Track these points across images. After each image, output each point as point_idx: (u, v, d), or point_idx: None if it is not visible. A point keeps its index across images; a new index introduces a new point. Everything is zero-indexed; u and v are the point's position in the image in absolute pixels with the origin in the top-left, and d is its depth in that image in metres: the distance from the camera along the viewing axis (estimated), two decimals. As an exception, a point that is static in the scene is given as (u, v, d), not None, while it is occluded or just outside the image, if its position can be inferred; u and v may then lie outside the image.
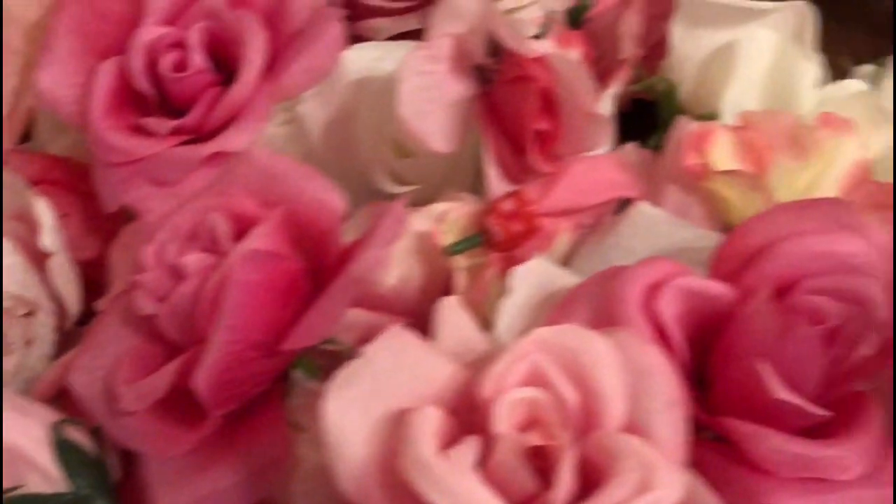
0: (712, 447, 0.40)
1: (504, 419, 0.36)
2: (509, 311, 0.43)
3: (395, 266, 0.48)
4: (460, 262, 0.48)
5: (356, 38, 0.62)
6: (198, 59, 0.52)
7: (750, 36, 0.53)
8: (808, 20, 0.54)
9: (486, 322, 0.45)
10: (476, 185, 0.53)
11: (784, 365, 0.39)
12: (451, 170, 0.56)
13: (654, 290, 0.41)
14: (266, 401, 0.44)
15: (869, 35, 0.64)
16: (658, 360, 0.39)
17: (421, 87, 0.50)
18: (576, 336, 0.39)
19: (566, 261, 0.49)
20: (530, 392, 0.37)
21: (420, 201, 0.52)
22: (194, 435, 0.43)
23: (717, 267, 0.42)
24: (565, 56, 0.50)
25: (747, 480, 0.39)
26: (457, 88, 0.51)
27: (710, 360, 0.42)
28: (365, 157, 0.57)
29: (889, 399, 0.40)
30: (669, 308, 0.40)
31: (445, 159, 0.55)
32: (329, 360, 0.44)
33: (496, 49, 0.52)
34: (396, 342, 0.39)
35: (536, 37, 0.54)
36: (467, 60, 0.52)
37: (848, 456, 0.39)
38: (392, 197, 0.56)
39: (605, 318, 0.41)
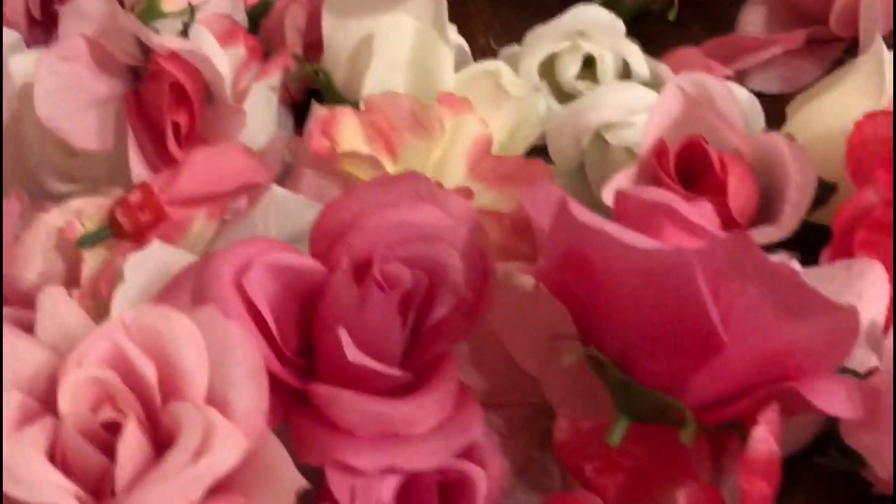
0: (304, 412, 0.42)
1: (69, 398, 0.38)
2: (124, 298, 0.45)
3: (36, 261, 0.50)
4: (100, 255, 0.50)
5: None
6: None
7: (389, 24, 0.56)
8: (444, 6, 0.56)
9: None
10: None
11: (363, 331, 0.41)
12: (118, 166, 0.57)
13: (244, 268, 0.43)
14: None
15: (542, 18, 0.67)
16: (238, 335, 0.41)
17: (57, 87, 0.52)
18: (157, 316, 0.41)
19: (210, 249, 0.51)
20: (98, 371, 0.39)
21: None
22: None
23: (313, 243, 0.44)
24: (198, 51, 0.52)
25: (329, 439, 0.41)
26: (99, 87, 0.53)
27: (312, 333, 0.44)
28: (34, 158, 0.58)
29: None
30: (258, 284, 0.42)
31: (110, 156, 0.56)
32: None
33: (145, 48, 0.54)
34: (-19, 330, 0.40)
35: (184, 34, 0.56)
36: (110, 60, 0.53)
37: (419, 412, 0.41)
38: (61, 196, 0.58)
39: (202, 298, 0.43)
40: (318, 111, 0.53)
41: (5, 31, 0.61)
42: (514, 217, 0.51)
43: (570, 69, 0.57)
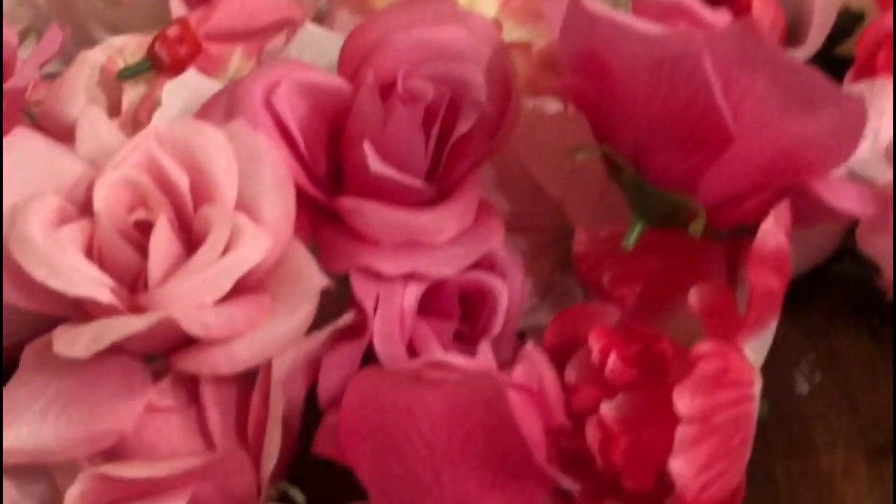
0: (331, 225, 0.44)
1: (103, 197, 0.40)
2: (160, 121, 0.47)
3: (79, 97, 0.52)
4: (140, 89, 0.51)
5: None
6: None
7: None
8: None
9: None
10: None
11: (387, 145, 0.43)
12: (161, 15, 0.59)
13: (273, 86, 0.44)
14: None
15: None
16: (266, 146, 0.42)
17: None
18: (188, 127, 0.42)
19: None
20: (133, 171, 0.40)
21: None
22: None
23: (342, 66, 0.45)
24: None
25: (354, 247, 0.43)
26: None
27: (340, 153, 0.45)
28: (80, 8, 0.60)
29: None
30: (286, 101, 0.43)
31: (153, 5, 0.58)
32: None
33: None
34: (22, 142, 0.42)
35: None
36: None
37: (441, 221, 0.42)
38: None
39: (233, 116, 0.44)
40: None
41: None
42: (542, 51, 0.51)
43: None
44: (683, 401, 0.37)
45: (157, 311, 0.38)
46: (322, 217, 0.44)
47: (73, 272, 0.39)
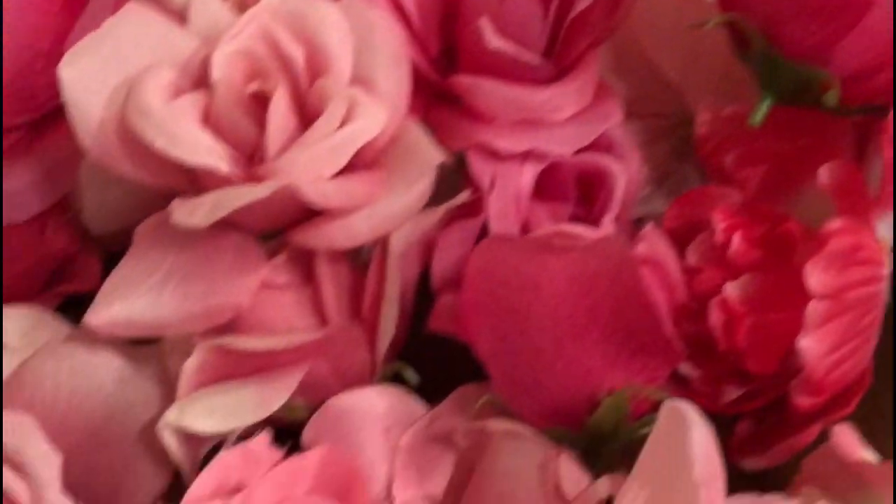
0: (445, 106, 0.43)
1: (221, 67, 0.39)
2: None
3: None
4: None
5: None
6: None
7: None
8: None
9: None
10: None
11: (505, 21, 0.41)
12: None
13: (387, -37, 0.43)
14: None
15: None
16: (382, 21, 0.41)
17: None
18: (302, 2, 0.41)
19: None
20: (250, 42, 0.40)
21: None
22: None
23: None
24: None
25: (471, 125, 0.42)
26: None
27: (455, 30, 0.44)
28: None
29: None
30: (402, -21, 0.43)
31: None
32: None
33: None
34: (137, 15, 0.41)
35: None
36: None
37: (559, 98, 0.41)
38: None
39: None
40: None
41: None
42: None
43: None
44: (815, 277, 0.36)
45: (276, 181, 0.38)
46: (434, 97, 0.44)
47: (191, 141, 0.38)
